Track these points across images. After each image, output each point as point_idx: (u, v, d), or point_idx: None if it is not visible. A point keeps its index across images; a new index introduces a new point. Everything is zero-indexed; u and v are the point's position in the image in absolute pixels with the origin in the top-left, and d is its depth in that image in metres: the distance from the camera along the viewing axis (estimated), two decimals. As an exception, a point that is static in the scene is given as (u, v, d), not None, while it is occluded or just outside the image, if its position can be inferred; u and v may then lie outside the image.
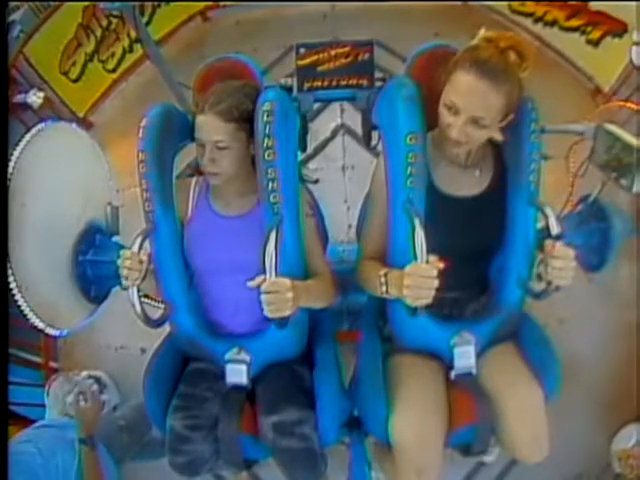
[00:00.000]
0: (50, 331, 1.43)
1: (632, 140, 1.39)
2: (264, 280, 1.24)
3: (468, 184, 1.46)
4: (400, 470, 1.46)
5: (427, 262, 1.20)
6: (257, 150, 1.39)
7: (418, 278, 1.20)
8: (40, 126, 1.53)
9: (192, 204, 1.54)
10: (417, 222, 1.24)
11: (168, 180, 1.47)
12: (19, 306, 1.37)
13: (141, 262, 1.32)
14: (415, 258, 1.22)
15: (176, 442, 1.47)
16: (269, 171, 1.38)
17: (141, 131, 1.42)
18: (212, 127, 1.41)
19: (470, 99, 1.26)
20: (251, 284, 1.24)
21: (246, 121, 1.42)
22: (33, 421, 1.96)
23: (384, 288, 1.33)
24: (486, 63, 1.23)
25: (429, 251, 1.21)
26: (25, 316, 1.37)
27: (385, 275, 1.33)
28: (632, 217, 1.54)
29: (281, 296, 1.24)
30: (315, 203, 1.60)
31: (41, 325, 1.43)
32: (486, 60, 1.24)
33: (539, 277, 1.34)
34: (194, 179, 1.59)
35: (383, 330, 1.65)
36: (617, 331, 2.60)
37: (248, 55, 1.69)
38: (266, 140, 1.36)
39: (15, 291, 1.37)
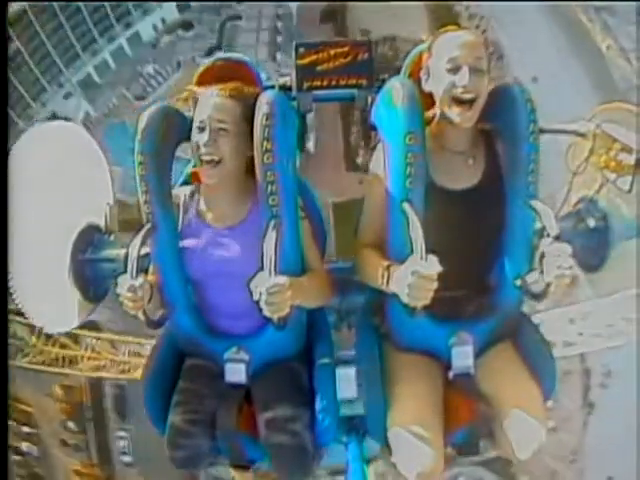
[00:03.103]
0: (50, 330, 1.44)
1: (631, 141, 1.39)
2: (264, 281, 1.24)
3: (463, 175, 1.45)
4: (401, 473, 1.44)
5: (426, 261, 1.21)
6: (256, 153, 1.38)
7: (418, 279, 1.21)
8: (40, 125, 1.53)
9: (182, 217, 1.51)
10: (416, 222, 1.24)
11: (167, 182, 1.46)
12: (18, 305, 1.38)
13: (140, 293, 1.33)
14: None
15: (176, 437, 1.47)
16: (268, 174, 1.37)
17: (140, 134, 1.41)
18: (217, 106, 1.41)
19: (463, 47, 1.38)
20: (252, 287, 1.25)
21: (249, 109, 1.41)
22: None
23: (384, 281, 1.33)
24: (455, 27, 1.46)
25: (428, 250, 1.22)
26: (25, 315, 1.38)
27: (387, 268, 1.33)
28: (633, 218, 1.53)
29: (280, 296, 1.24)
30: (311, 204, 1.59)
31: (40, 324, 1.43)
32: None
33: (541, 275, 1.33)
34: (182, 193, 1.54)
35: (380, 328, 1.65)
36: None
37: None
38: (265, 143, 1.36)
39: (15, 290, 1.38)
